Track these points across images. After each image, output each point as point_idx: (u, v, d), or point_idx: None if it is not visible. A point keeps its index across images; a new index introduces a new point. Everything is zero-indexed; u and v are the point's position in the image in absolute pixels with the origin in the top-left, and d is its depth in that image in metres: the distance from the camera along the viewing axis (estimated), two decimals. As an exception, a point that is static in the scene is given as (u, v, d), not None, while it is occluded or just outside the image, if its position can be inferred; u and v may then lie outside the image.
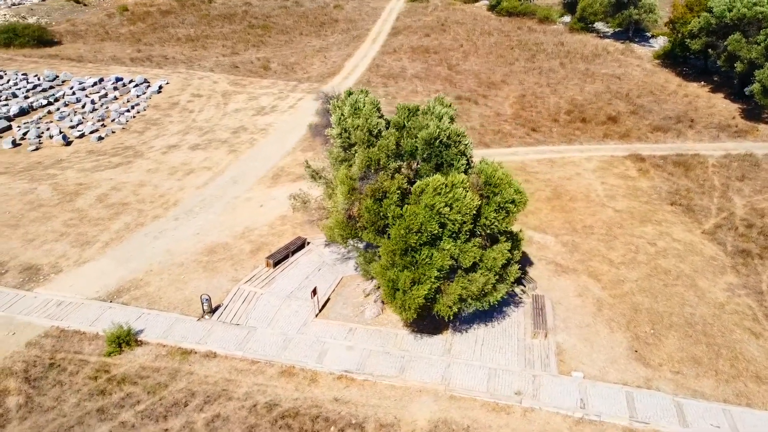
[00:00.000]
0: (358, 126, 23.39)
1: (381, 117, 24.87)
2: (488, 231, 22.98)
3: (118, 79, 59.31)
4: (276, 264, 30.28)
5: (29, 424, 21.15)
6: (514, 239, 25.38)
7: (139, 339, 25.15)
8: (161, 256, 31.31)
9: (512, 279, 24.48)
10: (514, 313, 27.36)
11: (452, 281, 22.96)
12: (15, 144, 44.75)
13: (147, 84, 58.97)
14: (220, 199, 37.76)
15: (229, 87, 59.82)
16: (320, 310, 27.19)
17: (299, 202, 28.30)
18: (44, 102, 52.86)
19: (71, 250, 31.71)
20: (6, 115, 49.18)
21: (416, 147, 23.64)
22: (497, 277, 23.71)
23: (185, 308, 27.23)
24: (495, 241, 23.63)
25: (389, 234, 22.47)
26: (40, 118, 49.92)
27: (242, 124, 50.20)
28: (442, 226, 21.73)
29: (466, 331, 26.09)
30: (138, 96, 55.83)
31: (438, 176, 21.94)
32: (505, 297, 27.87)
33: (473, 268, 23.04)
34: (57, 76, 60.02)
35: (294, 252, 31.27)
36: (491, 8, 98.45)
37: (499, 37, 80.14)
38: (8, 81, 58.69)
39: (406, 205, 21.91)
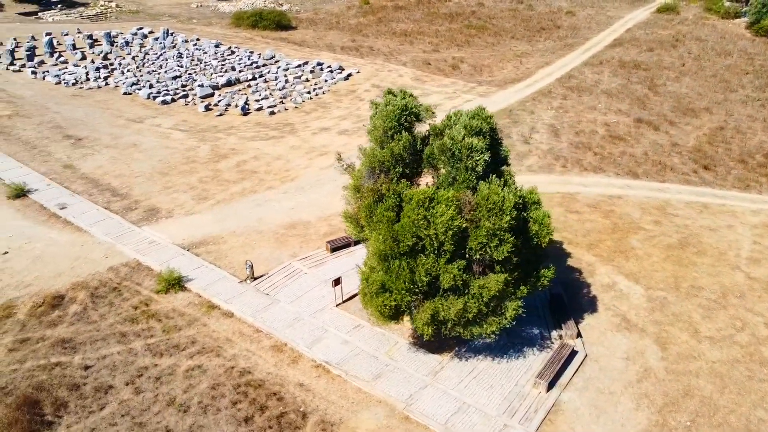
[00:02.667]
0: (375, 126, 23.39)
1: (416, 120, 24.34)
2: (477, 256, 21.28)
3: (318, 64, 65.57)
4: (334, 250, 31.61)
5: (72, 329, 25.93)
6: (531, 274, 22.95)
7: (185, 285, 28.71)
8: (251, 221, 34.79)
9: (510, 316, 22.23)
10: (532, 356, 24.79)
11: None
12: (207, 108, 52.84)
13: (340, 71, 64.13)
14: (333, 181, 40.12)
15: (409, 81, 62.09)
16: (344, 301, 27.85)
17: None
18: (250, 77, 61.09)
19: (189, 202, 37.00)
20: (214, 84, 58.10)
21: (434, 155, 22.83)
22: (488, 308, 21.84)
23: (238, 270, 30.11)
24: (492, 269, 21.76)
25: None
26: (239, 90, 57.95)
27: (397, 118, 51.91)
28: (421, 239, 20.83)
29: (467, 360, 24.49)
30: (326, 81, 61.18)
31: (424, 188, 21.07)
32: (536, 337, 25.53)
33: (457, 291, 21.60)
34: (273, 56, 68.57)
35: (357, 242, 32.17)
36: (750, 26, 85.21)
37: (738, 59, 69.33)
38: (237, 56, 68.80)
39: (387, 212, 21.43)
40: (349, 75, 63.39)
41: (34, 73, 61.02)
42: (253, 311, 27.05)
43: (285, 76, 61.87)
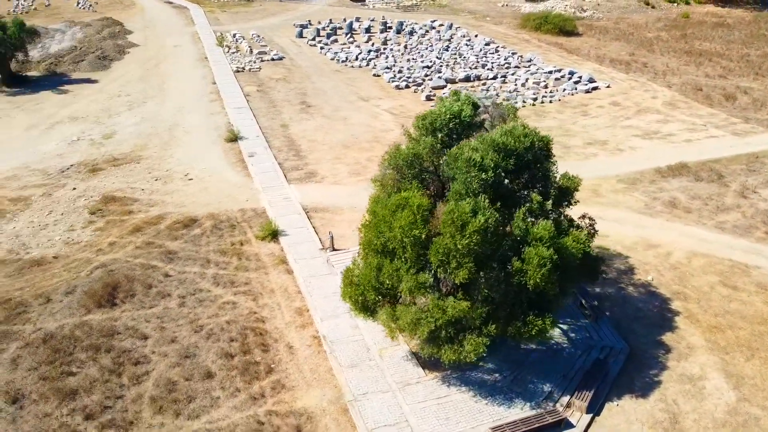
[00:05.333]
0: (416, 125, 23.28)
1: (467, 128, 23.38)
2: (440, 274, 19.97)
3: (570, 73, 62.75)
4: (419, 246, 31.83)
5: (182, 245, 32.03)
6: (518, 317, 20.44)
7: (278, 238, 32.64)
8: (377, 202, 36.93)
9: (469, 351, 20.22)
10: (517, 409, 21.97)
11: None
12: (428, 99, 55.72)
13: (588, 83, 60.32)
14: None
15: (656, 105, 55.28)
16: (388, 293, 28.30)
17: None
18: (491, 76, 61.97)
19: (343, 174, 40.82)
20: (451, 78, 60.70)
21: (449, 164, 21.88)
22: (447, 333, 20.38)
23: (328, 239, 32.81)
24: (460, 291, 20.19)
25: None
26: (471, 87, 59.46)
27: (608, 139, 47.37)
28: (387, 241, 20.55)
29: (449, 386, 23.00)
30: (564, 90, 58.43)
31: (407, 193, 20.52)
32: (541, 393, 22.65)
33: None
34: (531, 60, 67.89)
35: (446, 246, 31.77)
36: None
37: None
38: (497, 55, 70.02)
39: (375, 207, 21.49)
40: (595, 89, 59.22)
41: (321, 48, 72.10)
42: (307, 275, 29.48)
43: (526, 80, 60.93)
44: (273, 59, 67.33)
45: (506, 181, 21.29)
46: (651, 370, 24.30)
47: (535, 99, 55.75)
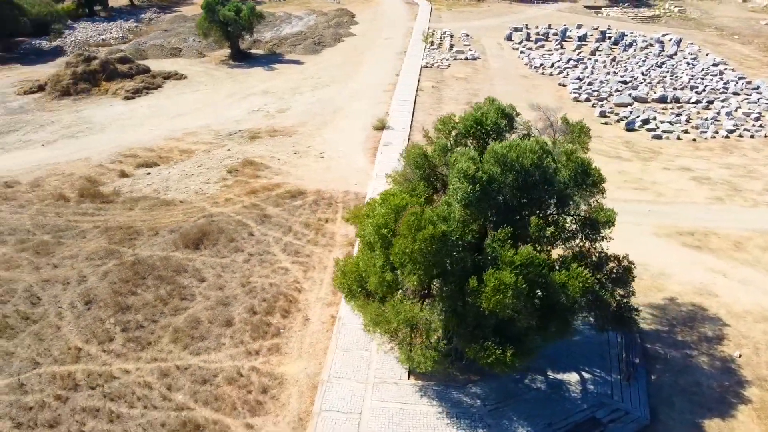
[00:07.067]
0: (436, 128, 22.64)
1: (491, 135, 22.18)
2: (400, 275, 19.58)
3: (799, 107, 52.61)
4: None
5: (279, 212, 35.29)
6: (477, 341, 19.15)
7: (360, 223, 34.13)
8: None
9: (417, 360, 19.49)
10: (475, 440, 20.58)
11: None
12: (602, 115, 51.50)
13: (818, 121, 49.94)
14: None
15: None
16: (426, 295, 28.07)
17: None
18: (693, 99, 54.78)
19: (461, 176, 40.41)
20: (643, 97, 55.04)
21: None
22: (405, 335, 19.99)
23: (407, 233, 33.30)
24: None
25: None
26: (661, 109, 53.27)
27: (798, 189, 39.08)
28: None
29: (423, 395, 22.26)
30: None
31: (394, 191, 20.38)
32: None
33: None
34: (757, 87, 58.35)
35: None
36: None
37: None
38: (719, 78, 61.47)
39: (374, 201, 21.69)
40: (823, 128, 48.68)
41: (521, 53, 70.72)
42: (363, 261, 30.46)
43: (736, 108, 52.54)
44: (467, 58, 68.11)
45: (515, 197, 19.81)
46: (664, 448, 20.49)
47: (732, 131, 47.91)
